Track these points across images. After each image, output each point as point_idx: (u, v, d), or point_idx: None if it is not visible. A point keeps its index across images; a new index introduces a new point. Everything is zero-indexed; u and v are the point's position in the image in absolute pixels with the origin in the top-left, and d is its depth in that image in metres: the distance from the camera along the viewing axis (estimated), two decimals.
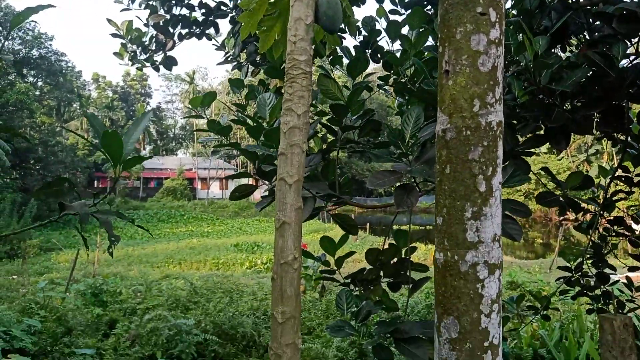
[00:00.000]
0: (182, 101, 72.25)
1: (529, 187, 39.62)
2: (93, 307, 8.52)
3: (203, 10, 4.06)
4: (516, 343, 6.37)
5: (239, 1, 2.01)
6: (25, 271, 16.83)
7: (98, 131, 0.99)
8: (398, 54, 2.43)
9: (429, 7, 2.81)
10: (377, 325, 2.09)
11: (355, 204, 2.37)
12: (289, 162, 0.97)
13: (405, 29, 2.49)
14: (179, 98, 75.26)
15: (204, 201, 52.03)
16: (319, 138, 2.69)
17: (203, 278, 12.40)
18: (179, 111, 78.23)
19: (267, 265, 19.35)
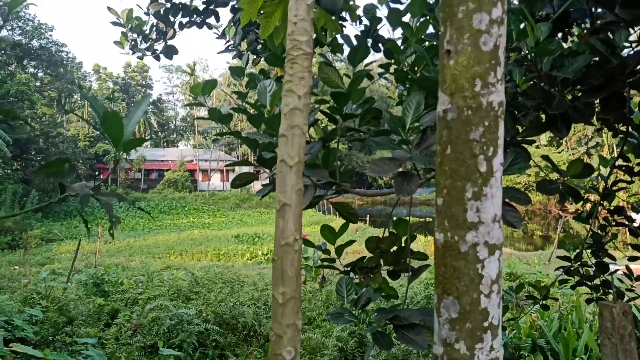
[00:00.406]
0: (183, 93, 72.17)
1: (529, 180, 39.66)
2: (95, 297, 8.57)
3: None
4: (515, 333, 6.40)
5: None
6: (26, 262, 16.90)
7: (98, 113, 0.99)
8: (399, 42, 2.42)
9: None
10: (377, 312, 2.10)
11: (356, 192, 2.37)
12: (290, 144, 0.97)
13: (407, 18, 2.48)
14: (180, 90, 75.15)
15: (205, 193, 52.09)
16: (320, 128, 2.68)
17: (204, 269, 12.45)
18: (180, 103, 78.13)
19: (268, 256, 19.41)
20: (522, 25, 1.83)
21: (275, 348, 0.96)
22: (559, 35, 2.27)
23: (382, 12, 2.52)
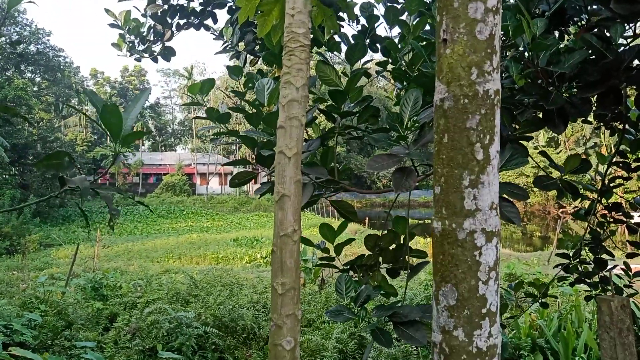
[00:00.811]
0: (181, 96, 72.15)
1: (528, 181, 39.72)
2: (93, 301, 8.55)
3: (201, 0, 4.05)
4: (515, 333, 6.40)
5: None
6: (25, 266, 16.86)
7: (97, 107, 1.00)
8: (396, 41, 2.43)
9: None
10: (376, 309, 2.10)
11: (354, 190, 2.37)
12: (288, 135, 0.97)
13: (404, 16, 2.49)
14: (177, 93, 75.15)
15: (203, 196, 52.06)
16: (318, 127, 2.69)
17: (203, 272, 12.42)
18: (178, 107, 78.11)
19: (267, 259, 19.40)
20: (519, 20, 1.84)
21: (274, 338, 0.96)
22: (556, 33, 2.28)
23: (379, 11, 2.53)
